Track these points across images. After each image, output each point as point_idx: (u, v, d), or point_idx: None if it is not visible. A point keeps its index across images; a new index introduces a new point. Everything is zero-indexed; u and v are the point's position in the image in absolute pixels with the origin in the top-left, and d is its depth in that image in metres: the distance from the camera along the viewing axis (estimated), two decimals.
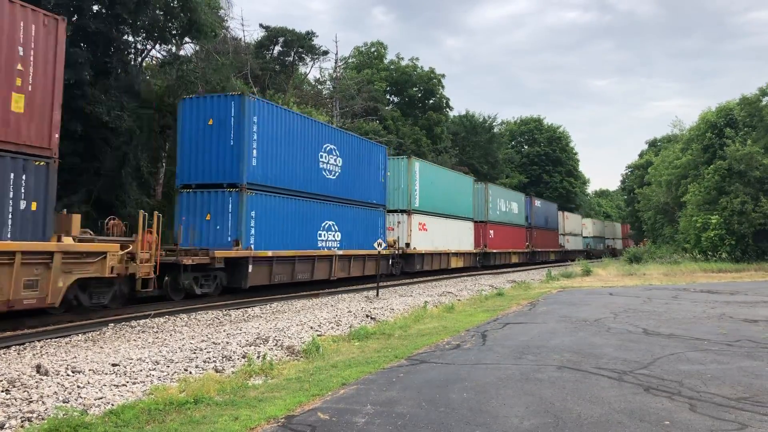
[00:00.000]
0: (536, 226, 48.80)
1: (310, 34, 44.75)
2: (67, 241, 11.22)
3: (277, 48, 45.45)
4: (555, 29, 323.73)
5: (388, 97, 56.58)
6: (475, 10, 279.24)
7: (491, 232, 38.31)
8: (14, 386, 6.89)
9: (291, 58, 46.02)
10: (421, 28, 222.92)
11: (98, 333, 11.41)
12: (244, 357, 8.89)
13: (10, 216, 10.10)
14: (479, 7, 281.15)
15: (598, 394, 6.59)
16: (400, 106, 56.86)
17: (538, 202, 50.84)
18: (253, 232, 16.78)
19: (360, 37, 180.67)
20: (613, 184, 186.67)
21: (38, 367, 7.71)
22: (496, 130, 69.44)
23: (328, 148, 20.82)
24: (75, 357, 8.86)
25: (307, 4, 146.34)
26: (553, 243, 53.98)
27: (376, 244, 21.16)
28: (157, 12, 24.40)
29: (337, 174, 21.25)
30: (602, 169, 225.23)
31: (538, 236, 49.17)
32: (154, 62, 29.82)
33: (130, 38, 25.77)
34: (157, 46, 28.50)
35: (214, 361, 8.68)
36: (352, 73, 53.44)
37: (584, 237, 68.35)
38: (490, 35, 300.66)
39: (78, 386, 7.06)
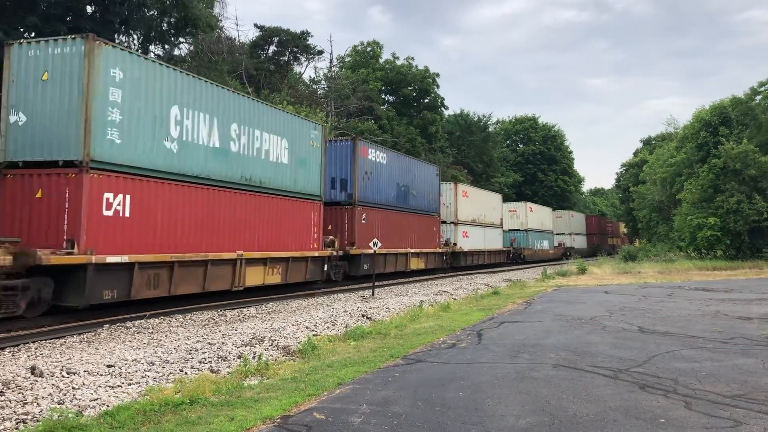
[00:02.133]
0: (368, 204, 24.11)
1: (305, 34, 44.79)
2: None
3: (272, 48, 45.47)
4: (551, 29, 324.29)
5: (383, 96, 56.60)
6: (472, 9, 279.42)
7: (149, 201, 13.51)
8: (9, 388, 6.86)
9: (286, 58, 46.02)
10: (417, 27, 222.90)
11: (93, 334, 11.37)
12: (239, 357, 8.87)
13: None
14: (476, 7, 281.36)
15: (594, 393, 6.60)
16: (395, 105, 56.88)
17: (376, 154, 25.12)
18: None
19: (357, 36, 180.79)
20: (608, 182, 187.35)
21: (33, 369, 7.67)
22: (491, 129, 69.58)
23: None
24: (70, 358, 8.82)
25: (304, 4, 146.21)
26: (421, 239, 29.06)
27: None
28: (153, 12, 24.37)
29: None
30: (598, 167, 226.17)
31: (375, 224, 24.50)
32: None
33: (124, 37, 25.72)
34: (152, 46, 28.45)
35: (210, 362, 8.66)
36: (347, 72, 53.43)
37: (508, 231, 46.55)
38: (487, 35, 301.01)
39: (73, 387, 7.04)
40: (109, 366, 8.13)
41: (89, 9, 22.81)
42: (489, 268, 39.91)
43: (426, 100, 58.55)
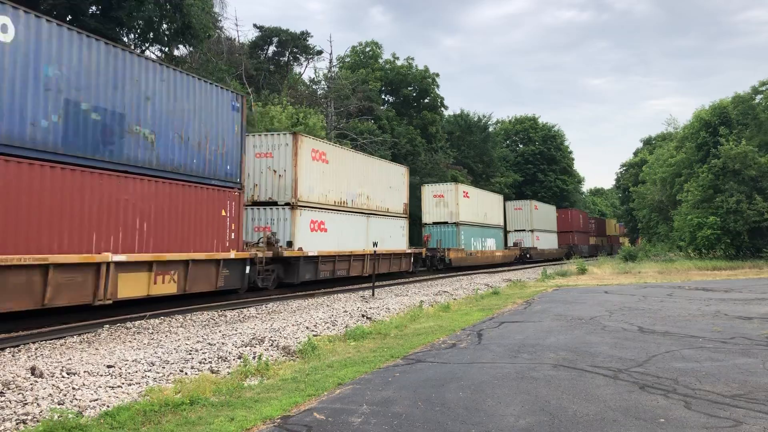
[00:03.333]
0: None
1: (304, 34, 44.81)
2: None
3: (272, 48, 45.51)
4: (552, 29, 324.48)
5: (383, 96, 56.62)
6: (473, 10, 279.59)
7: None
8: (9, 388, 6.86)
9: (285, 58, 46.04)
10: (419, 28, 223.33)
11: (93, 334, 11.37)
12: (239, 357, 8.88)
13: None
14: (476, 7, 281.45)
15: (594, 393, 6.61)
16: (395, 105, 56.91)
17: None
18: None
19: (358, 37, 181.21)
20: (608, 182, 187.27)
21: (33, 369, 7.67)
22: (490, 129, 69.55)
23: None
24: (70, 359, 8.82)
25: (305, 5, 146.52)
26: (175, 234, 14.25)
27: None
28: (152, 13, 24.40)
29: None
30: (598, 167, 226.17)
31: None
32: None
33: (125, 39, 25.73)
34: (152, 47, 28.45)
35: (210, 362, 8.66)
36: (346, 72, 53.45)
37: (432, 224, 35.93)
38: (488, 35, 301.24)
39: (73, 388, 7.04)
40: (109, 366, 8.13)
41: (93, 8, 22.81)
42: (375, 281, 21.48)
43: (426, 100, 58.58)
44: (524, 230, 49.56)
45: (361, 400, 6.42)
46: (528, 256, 47.33)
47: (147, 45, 27.43)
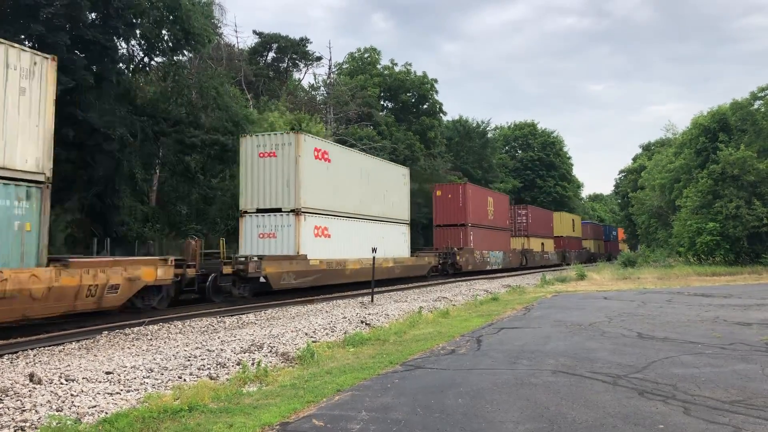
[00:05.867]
0: None
1: (303, 41, 44.96)
2: None
3: (271, 54, 45.63)
4: (553, 35, 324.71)
5: (381, 102, 56.70)
6: (474, 16, 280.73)
7: None
8: (7, 395, 6.84)
9: (285, 65, 46.15)
10: (420, 34, 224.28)
11: (92, 341, 11.36)
12: (238, 364, 8.86)
13: None
14: (478, 14, 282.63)
15: (593, 399, 6.60)
16: (393, 111, 57.01)
17: None
18: None
19: (360, 43, 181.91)
20: (608, 188, 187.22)
21: (31, 376, 7.66)
22: (489, 135, 69.64)
23: None
24: (68, 365, 8.80)
25: (307, 11, 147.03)
26: None
27: None
28: (151, 23, 24.44)
29: None
30: (598, 173, 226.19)
31: None
32: (148, 69, 29.79)
33: (124, 44, 25.77)
34: (154, 56, 28.47)
35: (209, 369, 8.64)
36: (345, 78, 53.54)
37: None
38: (488, 41, 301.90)
39: (71, 395, 7.02)
40: (107, 373, 8.11)
41: (92, 16, 22.81)
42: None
43: (424, 106, 58.70)
44: (281, 211, 20.20)
45: (360, 406, 6.41)
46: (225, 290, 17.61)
47: (146, 54, 27.47)
